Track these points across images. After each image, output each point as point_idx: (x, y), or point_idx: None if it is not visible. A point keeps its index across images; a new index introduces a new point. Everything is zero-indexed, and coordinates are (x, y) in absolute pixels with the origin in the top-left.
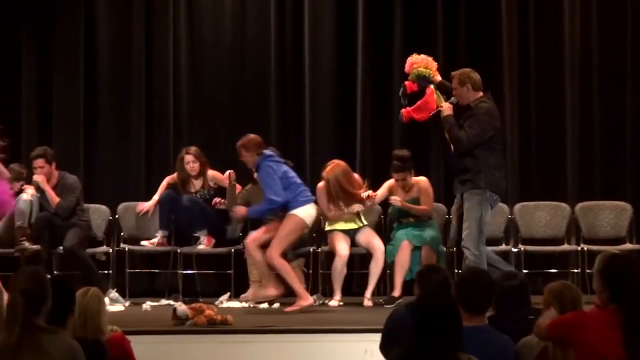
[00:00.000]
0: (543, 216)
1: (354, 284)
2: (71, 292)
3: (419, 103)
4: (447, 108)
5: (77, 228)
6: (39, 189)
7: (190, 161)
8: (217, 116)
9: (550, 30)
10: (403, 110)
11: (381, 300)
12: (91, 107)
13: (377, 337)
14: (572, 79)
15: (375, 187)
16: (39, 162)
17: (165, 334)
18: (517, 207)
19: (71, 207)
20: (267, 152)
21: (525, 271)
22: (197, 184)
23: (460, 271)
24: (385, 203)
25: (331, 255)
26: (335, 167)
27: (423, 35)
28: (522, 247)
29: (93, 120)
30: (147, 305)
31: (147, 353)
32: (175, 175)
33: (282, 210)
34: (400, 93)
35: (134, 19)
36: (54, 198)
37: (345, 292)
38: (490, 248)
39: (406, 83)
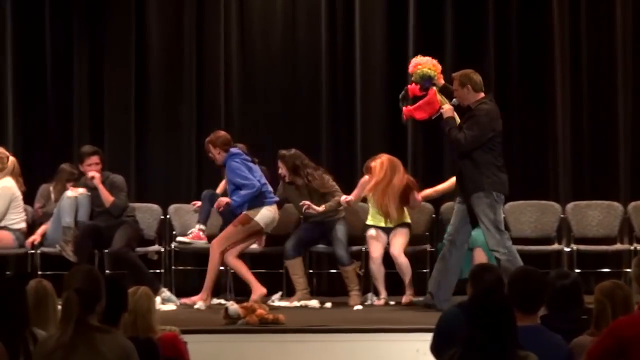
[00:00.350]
0: (595, 215)
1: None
2: (124, 291)
3: (420, 102)
4: (447, 109)
5: (125, 226)
6: (89, 188)
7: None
8: (267, 116)
9: (602, 31)
10: (404, 108)
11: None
12: (142, 107)
13: (429, 337)
14: (624, 79)
15: (427, 187)
16: (94, 159)
17: (216, 333)
18: (569, 206)
19: (124, 205)
20: (234, 149)
21: (577, 270)
22: None
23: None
24: (436, 202)
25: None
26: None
27: (474, 36)
28: (575, 247)
29: (144, 120)
30: (201, 304)
31: (199, 352)
32: None
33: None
34: (400, 96)
35: (185, 17)
36: (107, 197)
37: (395, 291)
38: (542, 247)
39: (409, 87)
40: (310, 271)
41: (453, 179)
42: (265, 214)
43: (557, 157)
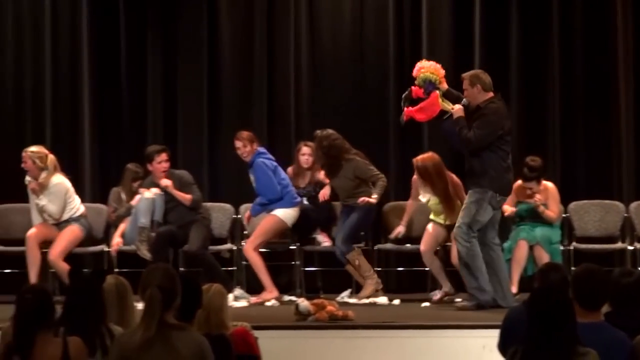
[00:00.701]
0: None
1: None
2: (199, 289)
3: (422, 104)
4: (458, 109)
5: (198, 225)
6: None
7: (306, 153)
8: (337, 113)
9: None
10: (405, 109)
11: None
12: (214, 105)
13: (495, 333)
14: None
15: None
16: (163, 156)
17: (287, 329)
18: (633, 205)
19: (200, 197)
20: (261, 148)
21: None
22: (305, 180)
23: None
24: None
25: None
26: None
27: (539, 32)
28: (638, 245)
29: (216, 119)
30: (273, 301)
31: (270, 347)
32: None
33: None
34: (403, 96)
35: (256, 17)
36: (184, 197)
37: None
38: (606, 246)
39: (412, 88)
40: (379, 269)
41: None
42: (293, 215)
43: (621, 157)
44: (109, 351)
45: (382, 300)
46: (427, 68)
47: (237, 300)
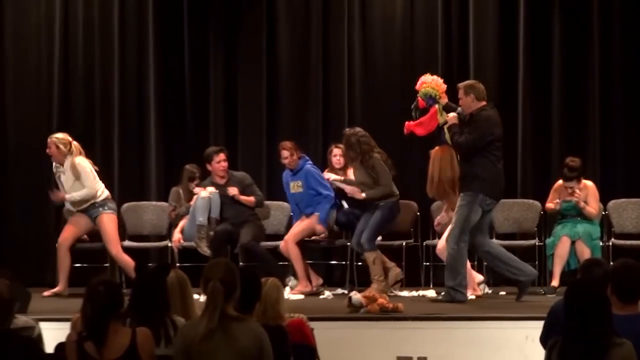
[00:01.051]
0: None
1: None
2: (258, 282)
3: (421, 119)
4: (452, 117)
5: (250, 224)
6: (216, 185)
7: (338, 154)
8: (388, 118)
9: None
10: (406, 123)
11: (541, 290)
12: (273, 110)
13: (537, 325)
14: None
15: (534, 186)
16: (222, 156)
17: (341, 320)
18: None
19: (262, 197)
20: (305, 156)
21: None
22: None
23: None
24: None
25: None
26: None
27: (579, 35)
28: None
29: (275, 122)
30: (328, 293)
31: (325, 338)
32: None
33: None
34: (412, 106)
35: (312, 25)
36: (249, 200)
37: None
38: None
39: (419, 98)
40: (427, 264)
41: None
42: (333, 215)
43: None
44: (172, 341)
45: (430, 293)
46: (429, 83)
47: (293, 292)
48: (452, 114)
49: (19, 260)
